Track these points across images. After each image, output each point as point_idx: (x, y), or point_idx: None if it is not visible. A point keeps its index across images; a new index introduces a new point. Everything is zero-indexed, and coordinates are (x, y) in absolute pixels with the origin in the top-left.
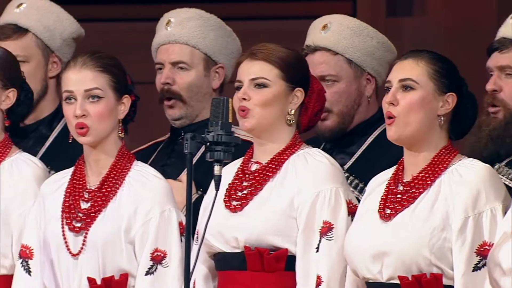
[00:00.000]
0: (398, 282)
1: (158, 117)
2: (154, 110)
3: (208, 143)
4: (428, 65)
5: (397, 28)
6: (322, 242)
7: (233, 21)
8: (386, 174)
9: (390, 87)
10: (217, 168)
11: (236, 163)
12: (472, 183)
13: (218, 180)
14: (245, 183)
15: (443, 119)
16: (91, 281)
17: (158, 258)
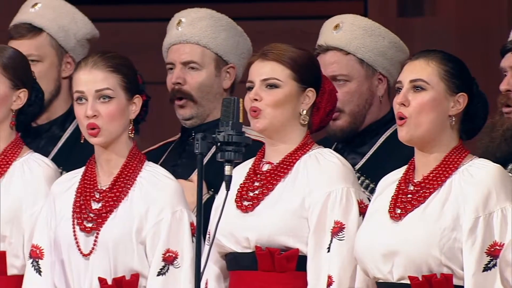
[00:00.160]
0: (408, 282)
1: (169, 117)
2: (165, 110)
3: (218, 143)
4: (439, 65)
5: (408, 28)
6: (333, 242)
7: (244, 21)
8: (397, 174)
9: (401, 88)
10: (227, 168)
11: (247, 164)
12: (482, 183)
13: (228, 180)
14: (256, 183)
15: (454, 119)
16: (102, 281)
17: (169, 259)
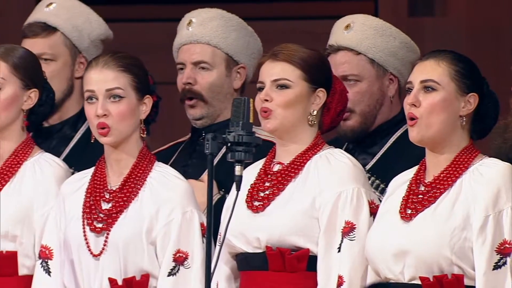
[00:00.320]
0: (420, 283)
1: (179, 117)
2: (175, 110)
3: (229, 144)
4: (449, 65)
5: (419, 28)
6: (344, 242)
7: (254, 21)
8: (408, 174)
9: (411, 88)
10: (238, 168)
11: (258, 164)
12: (492, 182)
13: (239, 180)
14: (267, 184)
15: (465, 120)
16: (112, 281)
17: (180, 259)
